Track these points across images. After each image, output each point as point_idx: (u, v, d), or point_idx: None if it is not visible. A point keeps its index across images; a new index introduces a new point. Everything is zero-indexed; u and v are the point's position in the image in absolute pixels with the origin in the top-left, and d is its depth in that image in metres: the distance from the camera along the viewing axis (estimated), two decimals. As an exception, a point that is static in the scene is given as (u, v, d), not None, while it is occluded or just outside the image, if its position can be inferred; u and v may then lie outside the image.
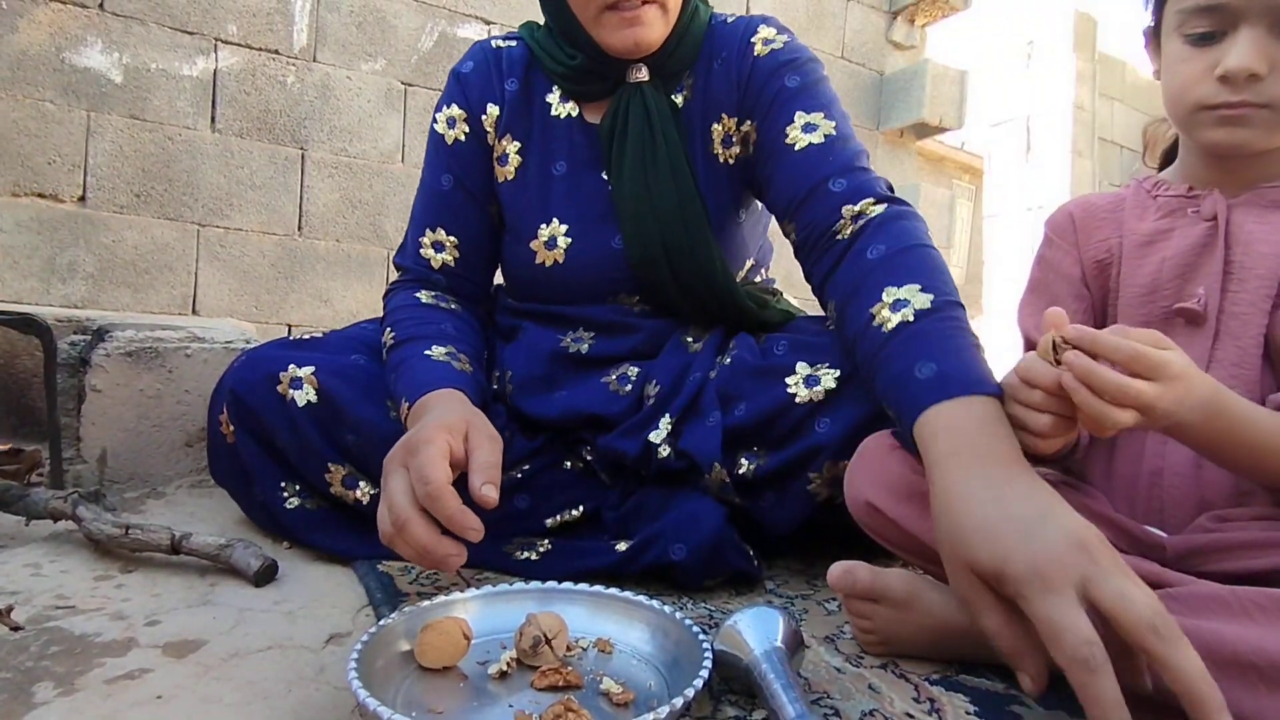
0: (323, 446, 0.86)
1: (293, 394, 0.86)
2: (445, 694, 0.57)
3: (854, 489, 0.73)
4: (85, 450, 1.04)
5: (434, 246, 0.98)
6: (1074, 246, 0.85)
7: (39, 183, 1.89)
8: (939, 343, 0.67)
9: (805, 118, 0.88)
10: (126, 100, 1.98)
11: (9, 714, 0.54)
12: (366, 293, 2.35)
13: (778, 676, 0.54)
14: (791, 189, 0.88)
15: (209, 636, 0.68)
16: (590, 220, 0.94)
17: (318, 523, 0.88)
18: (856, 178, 0.85)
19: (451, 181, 0.97)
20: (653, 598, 0.68)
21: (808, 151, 0.87)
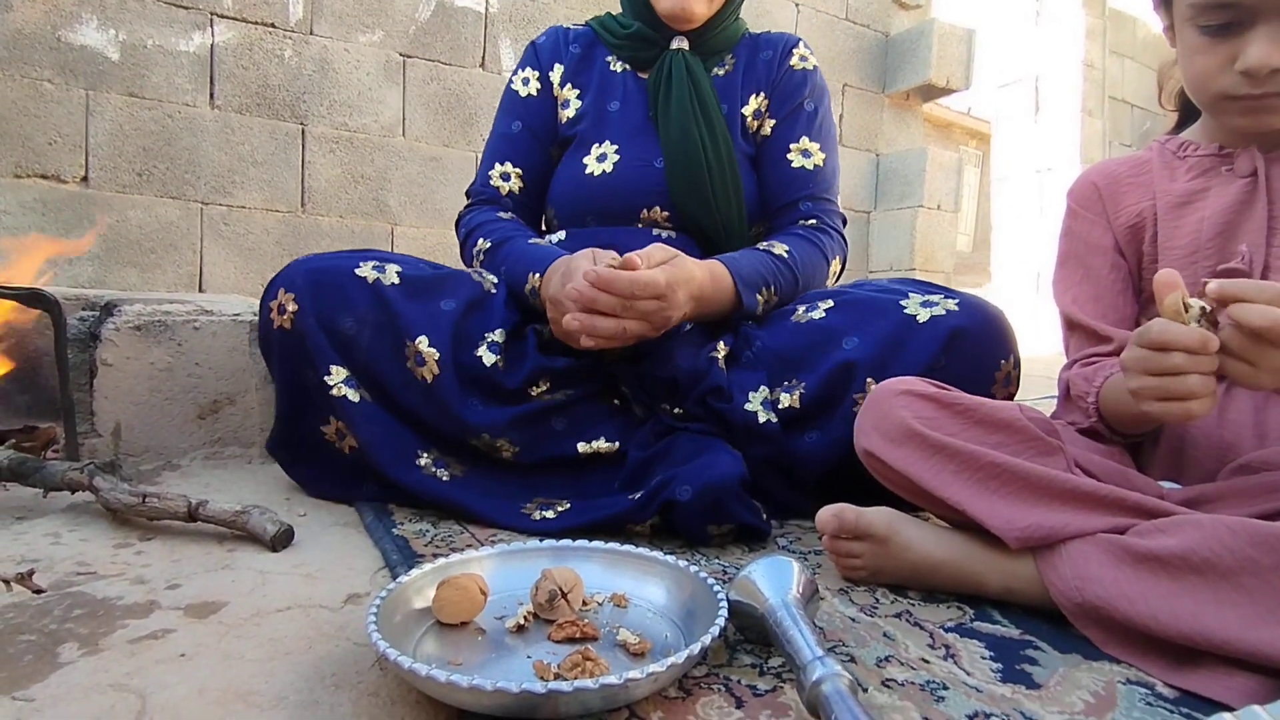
0: (409, 320, 0.91)
1: (377, 277, 0.93)
2: (463, 647, 0.58)
3: (859, 437, 0.76)
4: (99, 424, 1.04)
5: (502, 177, 1.16)
6: (1102, 216, 0.85)
7: (41, 163, 1.89)
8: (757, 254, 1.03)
9: (806, 144, 1.12)
10: (124, 78, 1.97)
11: (35, 673, 0.55)
12: (372, 268, 2.34)
13: (794, 623, 0.54)
14: (775, 197, 1.13)
15: (229, 598, 0.68)
16: (637, 143, 1.10)
17: (369, 416, 0.91)
18: (821, 207, 1.12)
19: (520, 126, 1.16)
20: (667, 554, 0.68)
21: (798, 173, 1.11)
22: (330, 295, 0.91)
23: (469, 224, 1.14)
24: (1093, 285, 0.86)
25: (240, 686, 0.54)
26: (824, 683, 0.47)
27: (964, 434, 0.71)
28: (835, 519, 0.71)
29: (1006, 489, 0.67)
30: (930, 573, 0.69)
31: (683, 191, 1.06)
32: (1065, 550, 0.63)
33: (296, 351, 0.91)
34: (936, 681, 0.55)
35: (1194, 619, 0.54)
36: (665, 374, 0.93)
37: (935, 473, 0.69)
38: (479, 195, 1.17)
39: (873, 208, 3.46)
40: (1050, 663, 0.59)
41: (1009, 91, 5.04)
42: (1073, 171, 4.72)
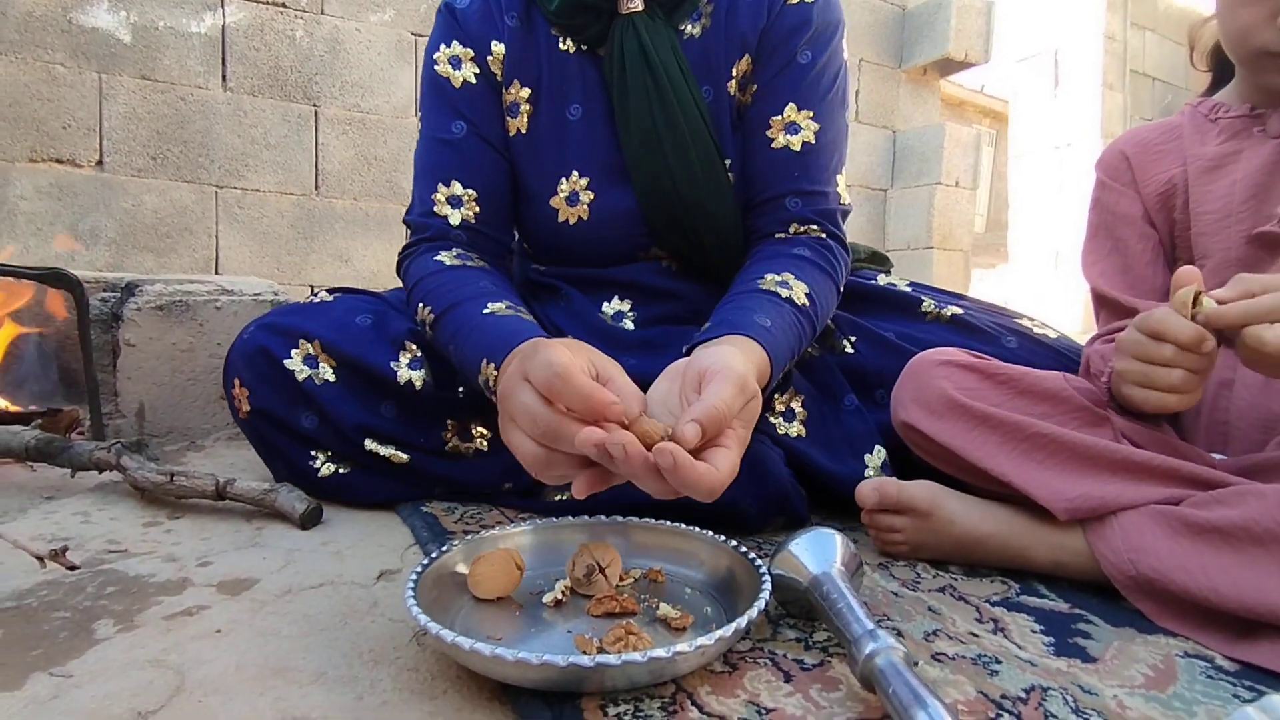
0: (352, 422, 0.83)
1: (309, 375, 0.83)
2: (501, 622, 0.57)
3: (896, 409, 0.75)
4: (123, 405, 1.04)
5: (450, 202, 0.87)
6: (1130, 185, 0.83)
7: (55, 148, 1.88)
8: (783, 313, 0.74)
9: (794, 114, 0.83)
10: (137, 60, 1.95)
11: (72, 649, 0.54)
12: (386, 251, 2.33)
13: (841, 596, 0.52)
14: (755, 189, 0.86)
15: (260, 575, 0.68)
16: (613, 170, 0.87)
17: (354, 483, 0.86)
18: (814, 204, 0.85)
19: (464, 128, 0.87)
20: (702, 529, 0.67)
21: (780, 155, 0.84)
22: (275, 394, 0.84)
23: (408, 276, 0.86)
24: (1121, 257, 0.84)
25: (277, 662, 0.53)
26: (878, 656, 0.45)
27: (1008, 404, 0.69)
28: (875, 492, 0.69)
29: (1053, 460, 0.65)
30: (974, 547, 0.68)
31: (662, 230, 0.86)
32: (1117, 522, 0.62)
33: (266, 442, 0.87)
34: (988, 655, 0.54)
35: (1258, 591, 0.53)
36: None
37: (978, 444, 0.67)
38: (422, 230, 0.87)
39: (889, 185, 3.41)
40: (1103, 636, 0.57)
41: (1027, 66, 4.94)
42: (1093, 147, 4.64)
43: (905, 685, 0.43)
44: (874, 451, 0.83)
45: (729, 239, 0.86)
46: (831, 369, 0.91)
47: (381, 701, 0.49)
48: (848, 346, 0.94)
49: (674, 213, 0.85)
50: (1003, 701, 0.48)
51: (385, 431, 0.84)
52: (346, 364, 0.84)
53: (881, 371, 0.91)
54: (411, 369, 0.84)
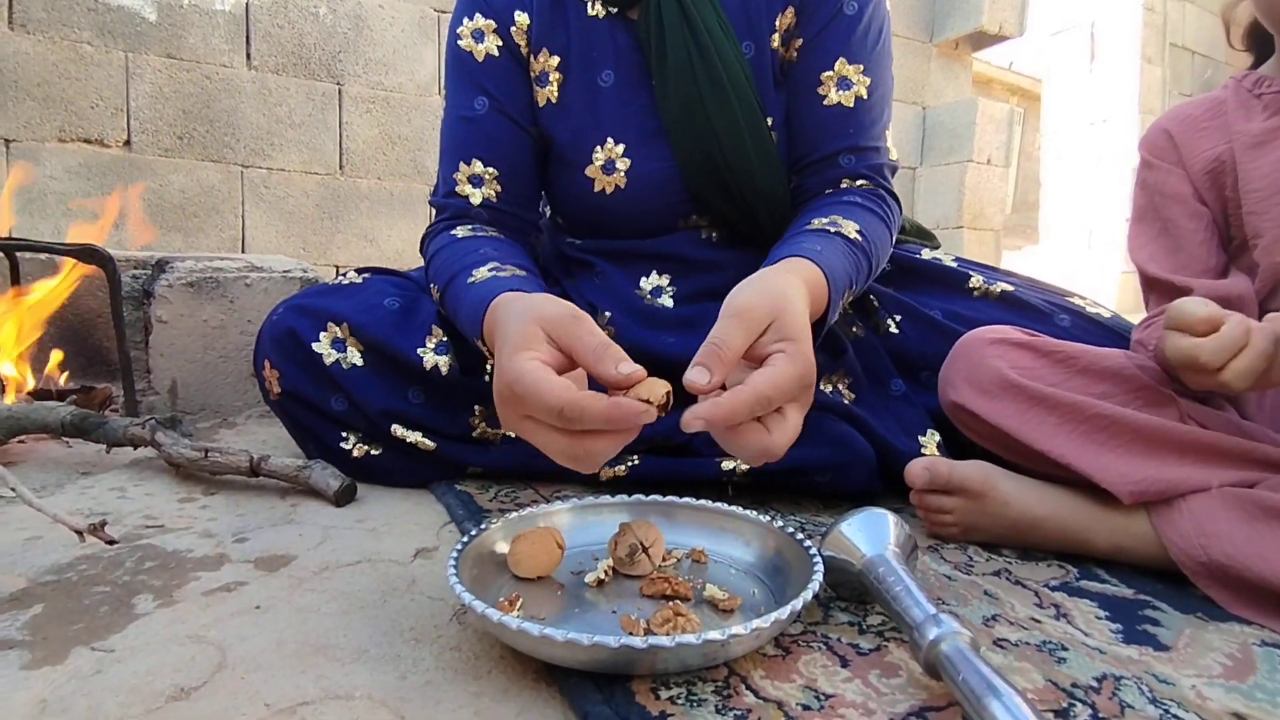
0: (378, 407, 0.81)
1: (336, 359, 0.82)
2: (544, 602, 0.55)
3: (946, 389, 0.72)
4: (156, 382, 1.04)
5: (471, 181, 0.85)
6: (1177, 164, 0.79)
7: (84, 127, 1.88)
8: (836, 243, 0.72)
9: (845, 69, 0.81)
10: (162, 39, 1.95)
11: (112, 624, 0.54)
12: (410, 231, 2.32)
13: (898, 579, 0.50)
14: (807, 148, 0.84)
15: (297, 552, 0.67)
16: (649, 135, 0.84)
17: (386, 465, 0.85)
18: (867, 160, 0.83)
19: (486, 104, 0.85)
20: (746, 508, 0.65)
21: (833, 112, 0.82)
22: (305, 376, 0.83)
23: (427, 255, 0.85)
24: (1170, 238, 0.80)
25: (318, 640, 0.52)
26: (943, 642, 0.43)
27: (1066, 384, 0.66)
28: (926, 472, 0.67)
29: (1116, 441, 0.62)
30: (1030, 530, 0.65)
31: (706, 194, 0.83)
32: (1185, 506, 0.59)
33: (298, 423, 0.86)
34: (1053, 642, 0.51)
35: None
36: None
37: (1035, 425, 0.65)
38: (442, 211, 0.87)
39: (919, 163, 3.34)
40: (1173, 623, 0.55)
41: (1062, 39, 4.80)
42: (1131, 123, 4.50)
43: (976, 673, 0.41)
44: (927, 434, 0.80)
45: (774, 199, 0.84)
46: (877, 351, 0.88)
47: (425, 681, 0.47)
48: (892, 326, 0.91)
49: (718, 175, 0.82)
50: (1074, 690, 0.46)
51: (412, 417, 0.82)
52: (374, 348, 0.83)
53: (927, 353, 0.88)
54: (438, 354, 0.82)
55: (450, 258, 0.78)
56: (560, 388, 0.48)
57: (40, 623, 0.53)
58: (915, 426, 0.82)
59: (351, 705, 0.45)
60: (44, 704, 0.44)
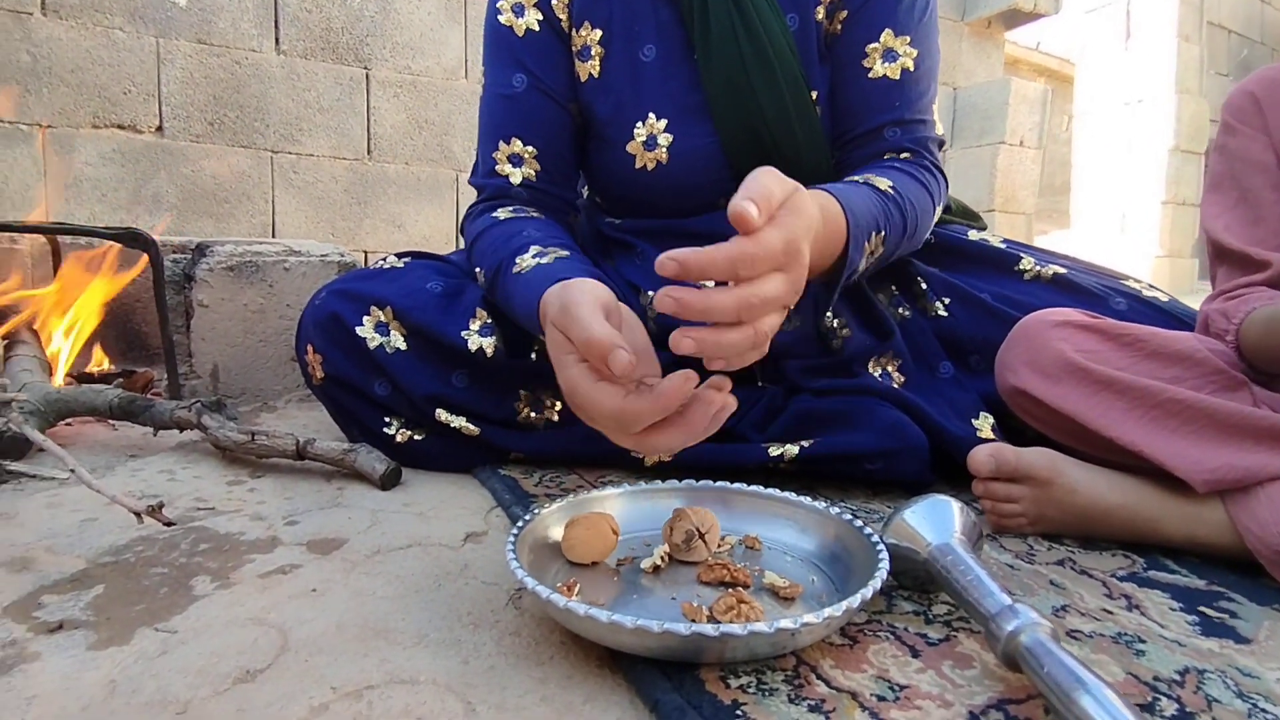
0: (423, 392, 0.81)
1: (380, 343, 0.81)
2: (601, 587, 0.55)
3: (1005, 373, 0.69)
4: (198, 365, 1.05)
5: (510, 160, 0.86)
6: (1262, 130, 0.75)
7: (117, 113, 1.90)
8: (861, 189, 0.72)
9: (891, 40, 0.80)
10: (193, 24, 1.95)
11: (172, 606, 0.54)
12: (437, 216, 2.32)
13: (969, 568, 0.49)
14: (851, 122, 0.83)
15: (348, 535, 0.67)
16: (691, 110, 0.83)
17: (429, 450, 0.84)
18: (913, 133, 0.82)
19: (525, 81, 0.84)
20: (800, 494, 0.64)
21: (879, 85, 0.81)
22: (348, 360, 0.82)
23: (468, 238, 0.86)
24: (1250, 208, 0.77)
25: (377, 623, 0.52)
26: (1023, 633, 0.42)
27: (1134, 368, 0.64)
28: (992, 459, 0.65)
29: (1189, 427, 0.60)
30: (1099, 519, 0.63)
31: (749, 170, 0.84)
32: (1264, 494, 0.57)
33: (341, 407, 0.85)
34: (1129, 634, 0.50)
35: None
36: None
37: (1103, 411, 0.62)
38: (482, 192, 0.88)
39: (949, 145, 3.27)
40: (1251, 615, 0.53)
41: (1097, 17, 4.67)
42: (1167, 102, 4.38)
43: (1061, 665, 0.39)
44: (980, 417, 0.78)
45: (818, 174, 0.82)
46: (926, 333, 0.86)
47: (488, 666, 0.47)
48: (940, 309, 0.88)
49: (762, 149, 0.81)
50: (1156, 684, 0.44)
51: (456, 401, 0.81)
52: (417, 332, 0.82)
53: (976, 337, 0.86)
54: (482, 335, 0.81)
55: (494, 242, 0.78)
56: (607, 397, 0.50)
57: (102, 603, 0.54)
58: (968, 410, 0.80)
59: (417, 690, 0.45)
60: (113, 684, 0.44)
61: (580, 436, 0.81)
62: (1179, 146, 4.39)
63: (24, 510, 0.70)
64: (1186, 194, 4.48)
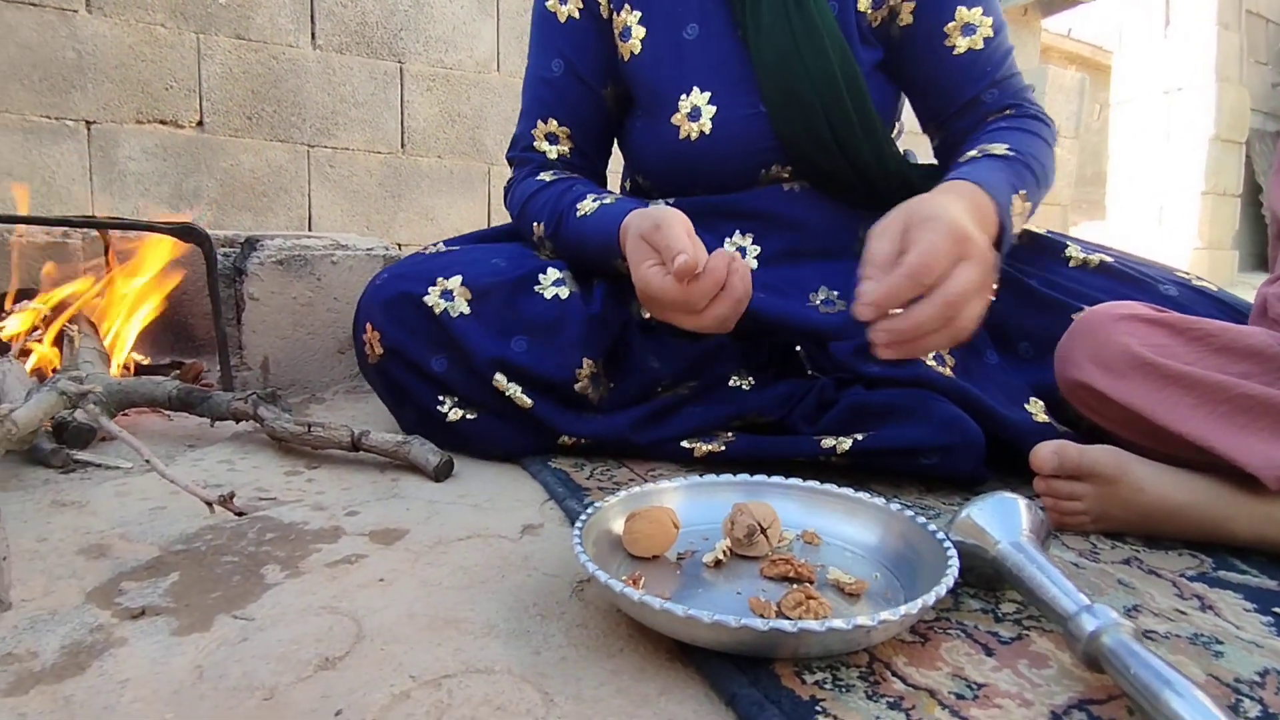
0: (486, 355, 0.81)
1: (445, 307, 0.82)
2: (664, 580, 0.55)
3: (1066, 367, 0.68)
4: (248, 357, 1.06)
5: (548, 139, 0.94)
6: None
7: (159, 109, 1.93)
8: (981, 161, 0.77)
9: (966, 15, 0.85)
10: (232, 20, 1.97)
11: (246, 593, 0.55)
12: (469, 209, 2.33)
13: (1041, 567, 0.48)
14: (947, 100, 0.88)
15: (408, 526, 0.68)
16: (733, 83, 0.86)
17: (481, 430, 0.85)
18: (1008, 88, 0.87)
19: (562, 66, 0.92)
20: (856, 490, 0.63)
21: (966, 59, 0.86)
22: (409, 334, 0.83)
23: (516, 200, 0.94)
24: None
25: (446, 613, 0.53)
26: (1104, 634, 0.42)
27: (1202, 363, 0.63)
28: (1055, 456, 0.64)
29: (1261, 423, 0.59)
30: (1166, 518, 0.62)
31: (795, 140, 0.85)
32: (1341, 493, 0.55)
33: (396, 385, 0.86)
34: (1205, 635, 0.49)
35: None
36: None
37: (1170, 406, 0.61)
38: (522, 164, 0.96)
39: (983, 136, 3.22)
40: (1330, 618, 0.52)
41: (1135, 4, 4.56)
42: (1207, 91, 4.27)
43: (1147, 666, 0.39)
44: (1031, 402, 0.77)
45: (865, 144, 0.85)
46: None
47: (560, 657, 0.48)
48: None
49: (808, 119, 0.84)
50: (1238, 685, 0.44)
51: (516, 365, 0.81)
52: (484, 294, 0.83)
53: (1024, 324, 0.85)
54: (556, 286, 0.85)
55: (549, 199, 0.89)
56: (674, 285, 0.67)
57: (179, 590, 0.55)
58: (1019, 395, 0.80)
59: (493, 679, 0.45)
60: (200, 670, 0.46)
61: (628, 424, 0.82)
62: (1219, 136, 4.28)
63: (95, 499, 0.71)
64: (1227, 184, 4.37)
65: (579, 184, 0.90)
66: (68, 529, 0.65)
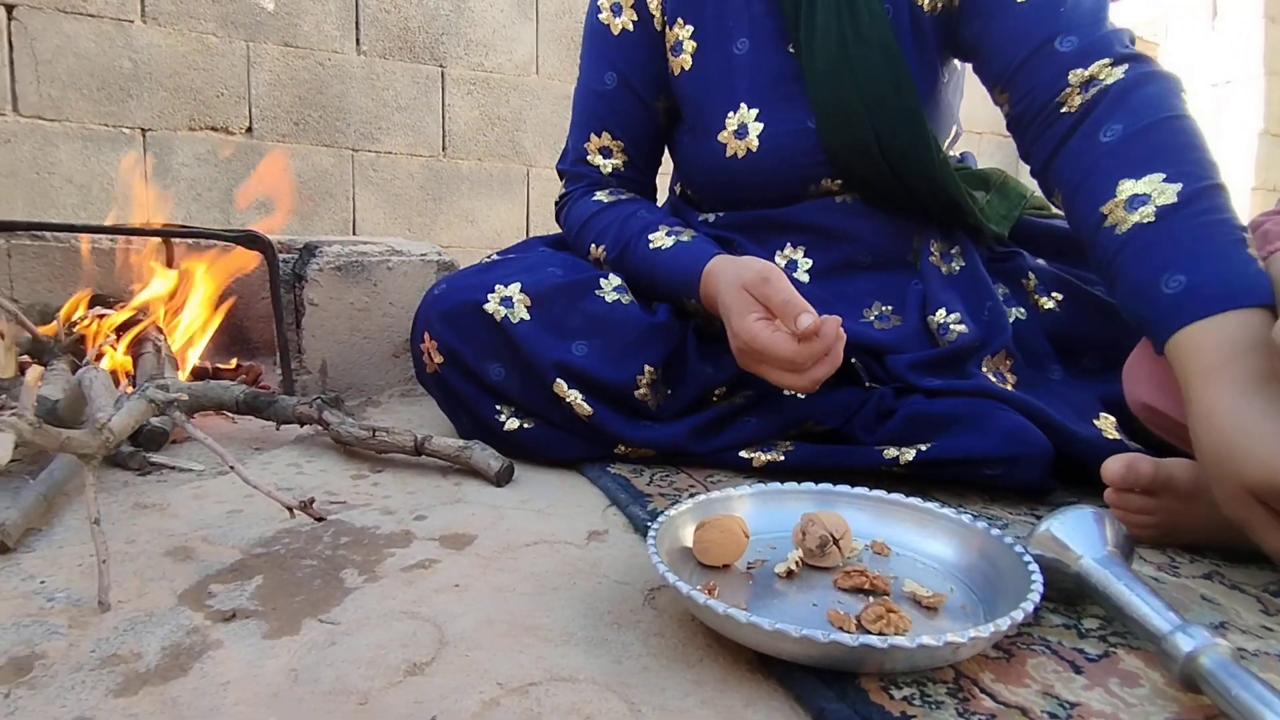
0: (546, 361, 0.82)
1: (505, 314, 0.83)
2: (737, 590, 0.55)
3: (1134, 388, 0.67)
4: (308, 362, 1.09)
5: (601, 153, 0.96)
6: None
7: (210, 116, 1.98)
8: (1188, 247, 0.58)
9: None
10: (279, 28, 2.01)
11: (328, 598, 0.56)
12: (509, 211, 2.36)
13: (1131, 584, 0.48)
14: (1009, 50, 0.76)
15: (476, 531, 0.69)
16: (782, 98, 0.86)
17: (538, 438, 0.85)
18: (1091, 33, 0.72)
19: (616, 79, 0.93)
20: (925, 500, 0.63)
21: (1032, 3, 0.75)
22: (468, 342, 0.84)
23: (573, 220, 0.94)
24: None
25: (523, 620, 0.54)
26: (1203, 654, 0.41)
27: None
28: (1128, 468, 0.63)
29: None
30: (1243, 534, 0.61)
31: (842, 152, 0.84)
32: None
33: (454, 394, 0.87)
34: (1299, 655, 0.48)
35: None
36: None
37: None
38: (576, 179, 0.97)
39: (1024, 133, 3.16)
40: None
41: (1181, -6, 4.43)
42: (1255, 83, 4.14)
43: (1248, 688, 0.38)
44: (1100, 418, 0.76)
45: (913, 157, 0.84)
46: (1038, 334, 0.85)
47: (641, 667, 0.48)
48: (1051, 304, 0.86)
49: (856, 130, 0.83)
50: (1341, 710, 0.42)
51: (577, 369, 0.81)
52: (545, 301, 0.83)
53: (1089, 335, 0.84)
54: (617, 292, 0.86)
55: (611, 223, 0.90)
56: (784, 343, 0.68)
57: (265, 593, 0.57)
58: (1087, 409, 0.78)
59: (578, 688, 0.46)
60: (294, 673, 0.47)
61: (684, 432, 0.82)
62: (1268, 130, 4.15)
63: (174, 501, 0.74)
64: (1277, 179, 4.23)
65: (642, 209, 0.91)
66: (152, 531, 0.67)
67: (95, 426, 0.54)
